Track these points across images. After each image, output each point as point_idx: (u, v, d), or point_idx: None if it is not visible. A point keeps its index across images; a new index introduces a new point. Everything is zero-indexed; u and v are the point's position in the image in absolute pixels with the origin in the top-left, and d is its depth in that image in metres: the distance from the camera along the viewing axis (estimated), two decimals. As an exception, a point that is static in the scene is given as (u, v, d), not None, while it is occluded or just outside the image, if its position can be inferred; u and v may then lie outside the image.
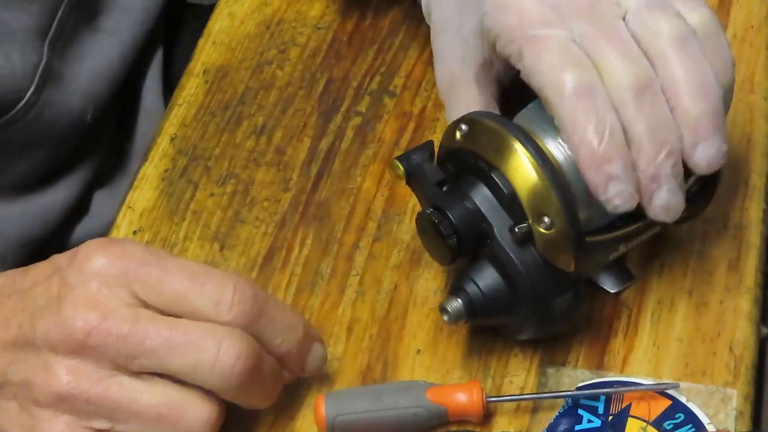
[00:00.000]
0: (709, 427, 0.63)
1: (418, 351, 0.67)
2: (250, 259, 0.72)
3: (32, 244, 0.83)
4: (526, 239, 0.61)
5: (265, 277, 0.71)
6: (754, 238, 0.71)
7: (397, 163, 0.65)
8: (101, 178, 0.87)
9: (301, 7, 0.84)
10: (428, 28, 0.72)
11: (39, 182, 0.83)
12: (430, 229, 0.64)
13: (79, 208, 0.85)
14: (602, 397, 0.64)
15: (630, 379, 0.65)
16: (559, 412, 0.64)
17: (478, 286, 0.63)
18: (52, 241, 0.83)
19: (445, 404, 0.63)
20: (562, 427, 0.63)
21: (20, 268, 0.63)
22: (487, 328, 0.67)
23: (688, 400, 0.64)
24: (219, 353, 0.58)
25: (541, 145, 0.62)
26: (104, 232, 0.75)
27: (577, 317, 0.64)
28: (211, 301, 0.59)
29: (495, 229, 0.62)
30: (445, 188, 0.64)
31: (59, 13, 0.80)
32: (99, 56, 0.84)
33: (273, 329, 0.61)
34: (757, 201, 0.72)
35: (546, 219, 0.60)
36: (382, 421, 0.63)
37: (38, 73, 0.79)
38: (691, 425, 0.63)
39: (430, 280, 0.70)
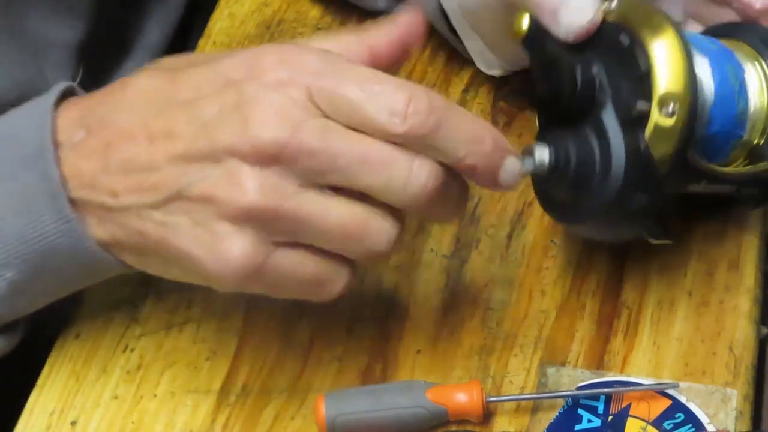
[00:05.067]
0: (709, 427, 0.63)
1: (418, 351, 0.67)
2: (250, 259, 0.72)
3: None
4: (637, 121, 0.59)
5: (265, 277, 0.71)
6: (754, 238, 0.71)
7: (524, 19, 0.61)
8: None
9: (301, 8, 0.84)
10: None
11: None
12: (555, 73, 0.61)
13: None
14: (602, 397, 0.64)
15: (630, 379, 0.65)
16: (559, 412, 0.64)
17: (573, 148, 0.61)
18: None
19: (445, 404, 0.63)
20: (562, 427, 0.63)
21: (147, 70, 0.60)
22: (487, 327, 0.67)
23: (688, 400, 0.64)
24: (411, 171, 0.56)
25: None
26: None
27: (648, 229, 0.63)
28: (385, 111, 0.56)
29: (611, 101, 0.60)
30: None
31: (99, 32, 0.79)
32: None
33: (455, 141, 0.57)
34: (757, 201, 0.72)
35: (672, 106, 0.58)
36: (382, 421, 0.63)
37: None
38: (691, 425, 0.63)
39: (430, 280, 0.70)
